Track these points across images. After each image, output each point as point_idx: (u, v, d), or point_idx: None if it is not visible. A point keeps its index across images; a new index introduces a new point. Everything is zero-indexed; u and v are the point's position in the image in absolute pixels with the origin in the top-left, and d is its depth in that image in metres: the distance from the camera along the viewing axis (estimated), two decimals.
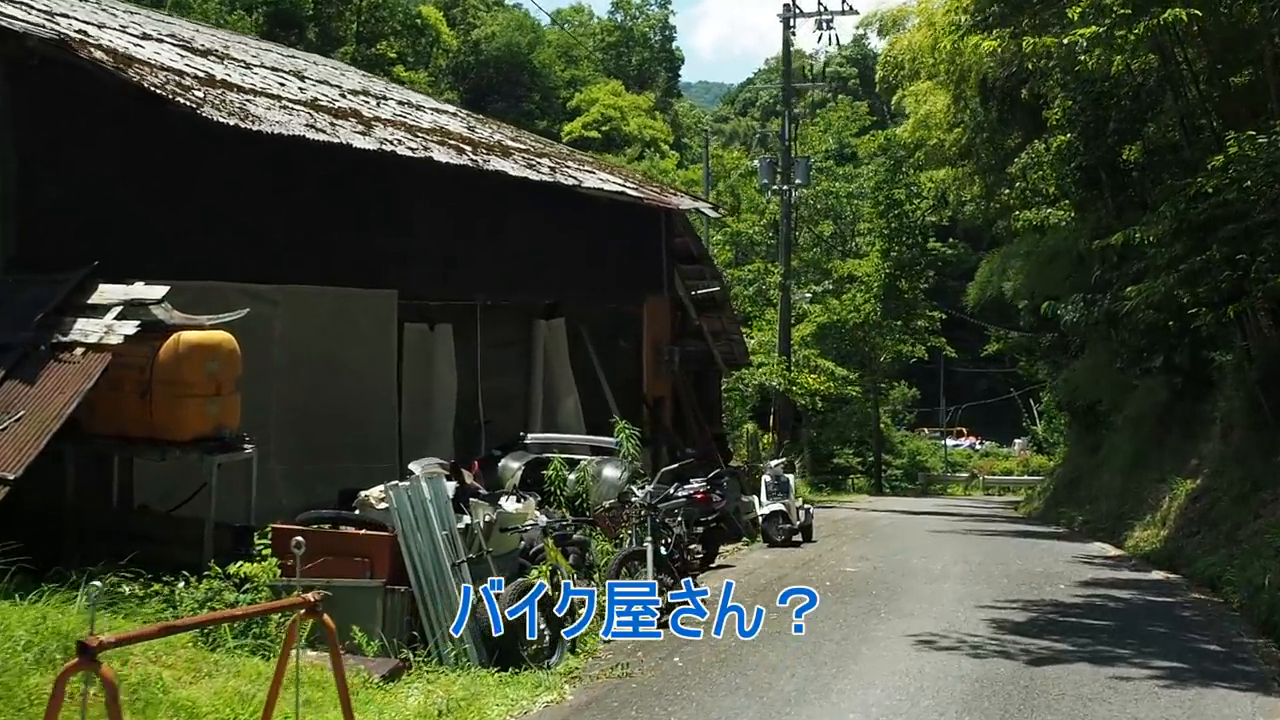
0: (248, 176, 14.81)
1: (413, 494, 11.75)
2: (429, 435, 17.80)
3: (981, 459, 72.59)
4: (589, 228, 22.26)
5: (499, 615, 11.05)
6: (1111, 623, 13.69)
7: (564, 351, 21.40)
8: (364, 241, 16.74)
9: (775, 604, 14.95)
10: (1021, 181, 27.19)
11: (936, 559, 19.96)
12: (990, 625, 13.26)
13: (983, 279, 37.17)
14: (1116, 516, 25.55)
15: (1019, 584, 16.80)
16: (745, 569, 18.79)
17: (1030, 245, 30.79)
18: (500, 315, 20.08)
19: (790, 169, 40.65)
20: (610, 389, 22.58)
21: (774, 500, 22.50)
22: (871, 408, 56.96)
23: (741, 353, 33.74)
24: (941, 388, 75.21)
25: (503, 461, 16.93)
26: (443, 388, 18.13)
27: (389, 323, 17.11)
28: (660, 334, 25.15)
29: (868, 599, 15.31)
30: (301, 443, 15.27)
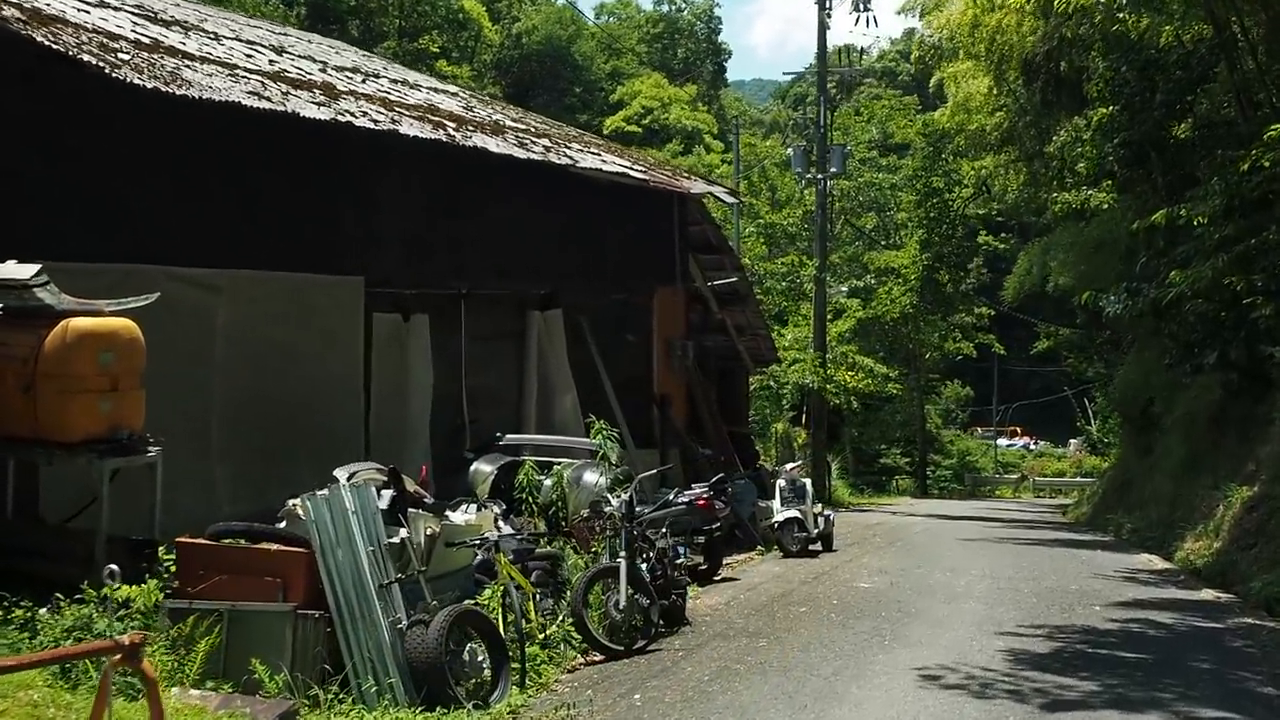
0: (185, 150, 13.39)
1: (333, 504, 10.22)
2: (402, 436, 16.32)
3: (1035, 459, 70.46)
4: (591, 213, 20.73)
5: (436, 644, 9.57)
6: (1149, 655, 11.93)
7: (561, 345, 19.82)
8: (326, 223, 15.30)
9: (773, 624, 13.42)
10: (1060, 160, 25.14)
11: (962, 574, 18.23)
12: (1007, 658, 11.55)
13: (1022, 271, 35.26)
14: (1166, 525, 23.68)
15: (1048, 605, 15.07)
16: (749, 583, 17.17)
17: (1073, 234, 28.80)
18: (489, 305, 18.55)
19: (825, 157, 38.87)
20: (613, 386, 21.00)
21: (789, 507, 20.83)
22: (916, 407, 55.24)
23: (769, 349, 32.11)
24: (995, 386, 73.23)
25: (475, 465, 15.39)
26: (418, 384, 16.59)
27: (354, 312, 15.62)
28: (672, 327, 23.53)
29: (874, 622, 13.64)
30: (250, 444, 13.81)
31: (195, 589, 10.03)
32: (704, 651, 12.12)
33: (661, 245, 23.20)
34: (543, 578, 12.59)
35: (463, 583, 11.68)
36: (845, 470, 51.67)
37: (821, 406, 39.24)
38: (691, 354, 23.88)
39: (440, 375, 17.26)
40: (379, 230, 16.17)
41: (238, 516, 11.86)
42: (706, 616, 14.30)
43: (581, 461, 15.54)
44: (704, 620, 14.02)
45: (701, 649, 12.28)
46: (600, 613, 12.44)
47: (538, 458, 15.69)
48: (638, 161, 23.63)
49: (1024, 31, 27.65)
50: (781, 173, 45.46)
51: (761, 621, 13.83)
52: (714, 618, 14.21)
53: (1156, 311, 21.13)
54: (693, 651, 12.16)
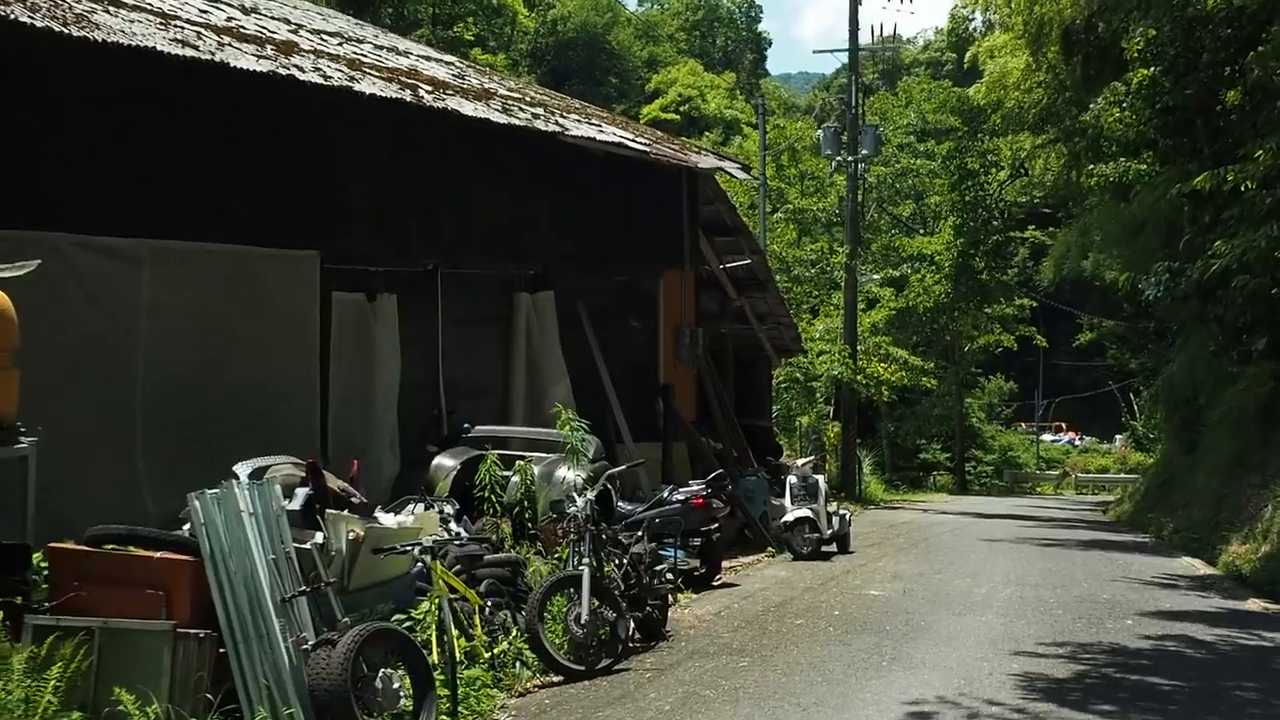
0: (103, 104, 11.99)
1: (226, 505, 8.77)
2: (366, 429, 14.93)
3: (1080, 455, 68.48)
4: (590, 189, 19.26)
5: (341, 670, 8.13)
6: (1186, 683, 10.31)
7: (553, 330, 18.33)
8: (275, 191, 13.90)
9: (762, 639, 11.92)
10: (1096, 128, 23.25)
11: (984, 580, 16.65)
12: (1019, 685, 9.98)
13: (1058, 254, 33.41)
14: (1210, 526, 21.96)
15: (1075, 618, 13.47)
16: (748, 590, 15.66)
17: (1113, 214, 26.91)
18: (470, 286, 17.10)
19: (857, 138, 37.23)
20: (615, 376, 19.53)
21: (800, 505, 19.29)
22: (954, 400, 53.52)
23: (793, 338, 30.57)
24: (1041, 380, 71.33)
25: (436, 460, 13.91)
26: (384, 371, 15.15)
27: (309, 291, 14.17)
28: (680, 312, 21.98)
29: (875, 638, 12.09)
30: (181, 438, 12.38)
31: (65, 603, 8.62)
32: (676, 673, 10.64)
33: (669, 225, 21.68)
34: (495, 586, 11.12)
35: (400, 594, 10.25)
36: (880, 466, 50.09)
37: (852, 400, 37.67)
38: (702, 341, 22.32)
39: (413, 361, 15.88)
40: (339, 201, 14.76)
41: (165, 518, 10.63)
42: (691, 629, 12.81)
43: (555, 456, 14.03)
44: (687, 634, 12.54)
45: (674, 669, 10.79)
46: (562, 627, 10.98)
47: (511, 452, 14.20)
48: (642, 134, 22.11)
49: (1062, 3, 26.03)
50: (813, 157, 43.76)
51: (750, 636, 12.33)
52: (699, 630, 12.72)
53: (1201, 293, 19.38)
54: (664, 672, 10.67)
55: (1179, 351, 29.95)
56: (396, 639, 8.88)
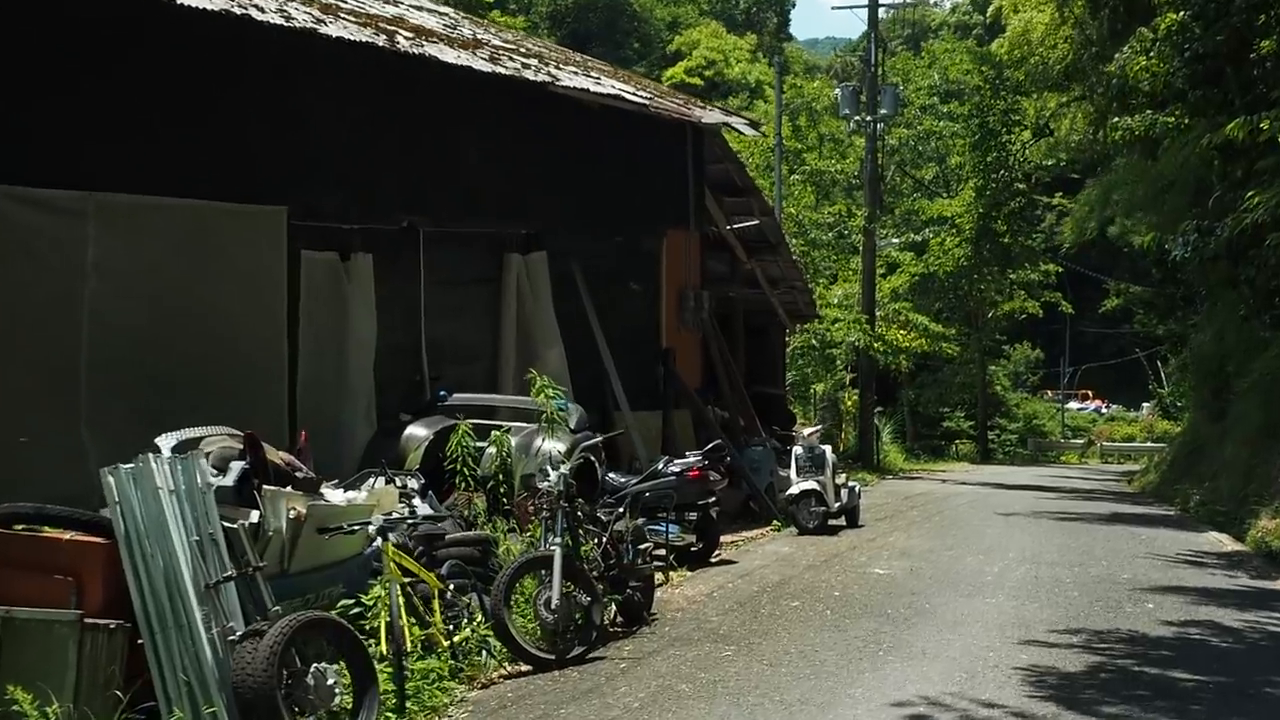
0: (40, 44, 11.09)
1: (142, 480, 7.92)
2: (339, 396, 14.06)
3: (1106, 423, 67.28)
4: (588, 145, 18.36)
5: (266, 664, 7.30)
6: (1211, 677, 9.37)
7: (546, 293, 17.42)
8: (236, 142, 12.96)
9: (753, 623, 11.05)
10: (1121, 77, 22.01)
11: (998, 557, 15.73)
12: (1026, 680, 9.07)
13: (1081, 215, 32.21)
14: (1238, 500, 20.95)
15: (1092, 601, 12.54)
16: (746, 568, 14.80)
17: (1139, 172, 25.71)
18: (456, 246, 16.18)
19: (876, 97, 36.13)
20: (614, 341, 18.63)
21: (805, 478, 18.38)
22: (978, 368, 52.44)
23: (807, 303, 29.63)
24: (1067, 348, 70.19)
25: (408, 430, 13.02)
26: (359, 336, 14.26)
27: (275, 249, 13.27)
28: (684, 275, 21.05)
29: (875, 623, 11.20)
30: (133, 406, 11.48)
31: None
32: (653, 662, 9.78)
33: (672, 183, 20.74)
34: (459, 568, 10.26)
35: (354, 576, 9.41)
36: (900, 434, 49.13)
37: (870, 367, 36.70)
38: (708, 305, 21.39)
39: (394, 325, 15.00)
40: (311, 153, 13.84)
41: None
42: (679, 611, 11.96)
43: (537, 426, 13.12)
44: (673, 617, 11.68)
45: (652, 658, 9.93)
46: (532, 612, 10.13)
47: (492, 422, 13.30)
48: (645, 88, 21.13)
49: None
50: (832, 118, 42.58)
51: (740, 620, 11.46)
52: (687, 613, 11.87)
53: (1231, 253, 18.32)
54: (640, 662, 9.82)
55: (1208, 317, 28.86)
56: (334, 629, 8.03)
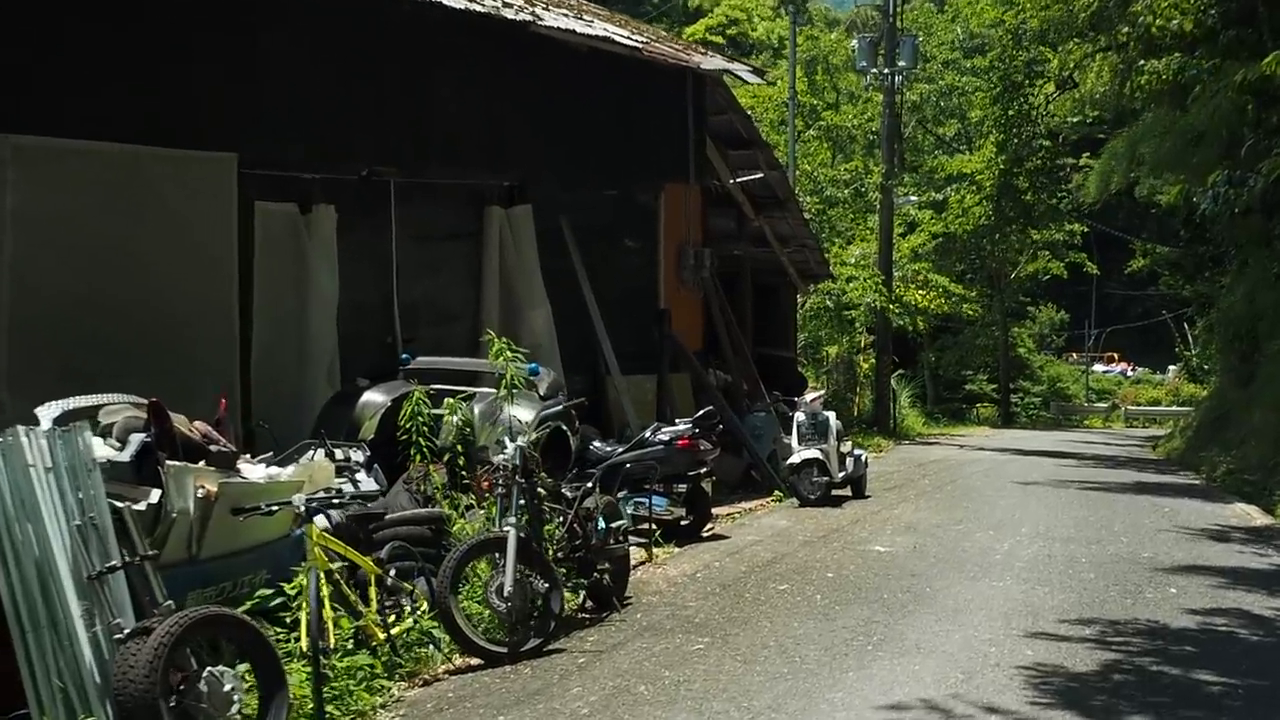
0: None
1: (10, 458, 6.93)
2: (299, 358, 13.08)
3: (1131, 386, 65.88)
4: (580, 92, 17.31)
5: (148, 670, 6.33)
6: (1241, 679, 8.27)
7: (531, 249, 16.36)
8: (181, 82, 11.95)
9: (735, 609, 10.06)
10: (1150, 13, 20.57)
11: (1009, 532, 14.66)
12: (1030, 681, 8.02)
13: (1104, 168, 30.80)
14: (1268, 469, 19.84)
15: (1108, 584, 11.46)
16: (738, 543, 13.78)
17: (1166, 123, 24.35)
18: (432, 197, 15.15)
19: (894, 49, 34.84)
20: (604, 300, 17.60)
21: (807, 446, 17.32)
22: (1000, 330, 51.26)
23: (819, 262, 28.47)
24: (1093, 310, 68.80)
25: (365, 396, 11.99)
26: (320, 294, 13.25)
27: (224, 199, 12.25)
28: (684, 231, 19.95)
29: (868, 609, 10.17)
30: (60, 368, 10.51)
31: None
32: (615, 657, 8.77)
33: (671, 134, 19.64)
34: (402, 550, 9.24)
35: (281, 561, 8.41)
36: (920, 398, 48.00)
37: (886, 329, 35.56)
38: (709, 263, 20.29)
39: (362, 283, 14.01)
40: (266, 96, 12.81)
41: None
42: (656, 595, 10.95)
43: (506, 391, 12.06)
44: (649, 601, 10.68)
45: (615, 652, 8.93)
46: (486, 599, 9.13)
47: (460, 388, 12.23)
48: (640, 32, 19.98)
49: None
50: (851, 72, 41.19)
51: (720, 606, 10.44)
52: (664, 597, 10.86)
53: (1265, 207, 17.14)
54: (602, 656, 8.81)
55: (1237, 276, 27.60)
56: (234, 626, 7.04)
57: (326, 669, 7.58)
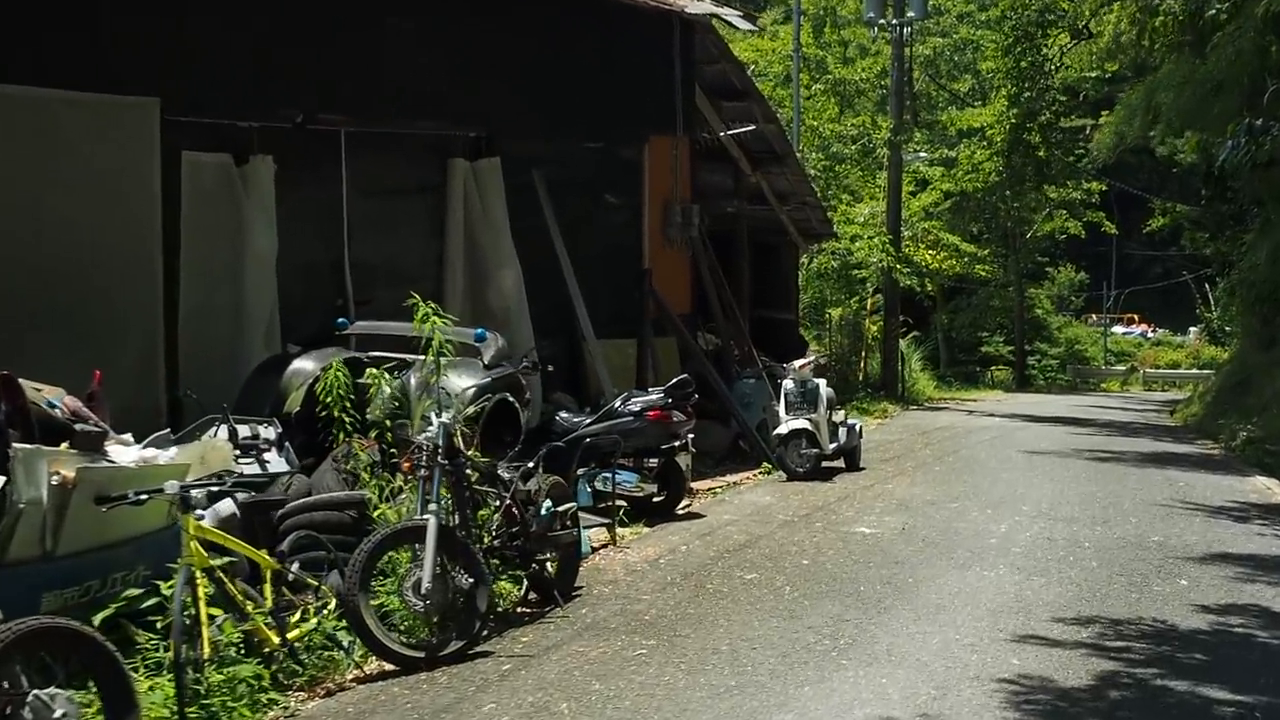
0: None
1: None
2: (235, 322, 12.06)
3: (1151, 348, 64.51)
4: (554, 37, 16.19)
5: None
6: (1259, 696, 7.06)
7: (499, 205, 15.28)
8: (93, 18, 10.87)
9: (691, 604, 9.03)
10: None
11: (1009, 511, 13.57)
12: (1010, 699, 6.92)
13: (1118, 120, 29.47)
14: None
15: (1112, 574, 10.35)
16: (713, 523, 12.73)
17: (1185, 72, 23.01)
18: (388, 149, 14.10)
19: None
20: (584, 259, 16.53)
21: (796, 415, 16.24)
22: (1015, 291, 50.06)
23: (820, 220, 27.30)
24: (1113, 270, 67.51)
25: (294, 364, 10.91)
26: (256, 251, 12.19)
27: (145, 149, 11.24)
28: (671, 187, 18.82)
29: (840, 605, 9.09)
30: None
31: None
32: (545, 663, 7.73)
33: (657, 83, 18.44)
34: (308, 540, 8.20)
35: (158, 556, 7.35)
36: (933, 361, 46.89)
37: (895, 290, 34.38)
38: (698, 221, 19.15)
39: (308, 241, 13.01)
40: (193, 35, 11.75)
41: None
42: (610, 585, 9.91)
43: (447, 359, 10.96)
44: (600, 593, 9.64)
45: (546, 657, 7.89)
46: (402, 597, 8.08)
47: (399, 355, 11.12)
48: None
49: None
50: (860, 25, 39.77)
51: (677, 599, 9.39)
52: (618, 588, 9.82)
53: None
54: (530, 662, 7.77)
55: (1259, 235, 26.36)
56: (69, 639, 5.98)
57: (199, 682, 6.55)
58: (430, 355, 9.27)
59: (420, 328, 9.25)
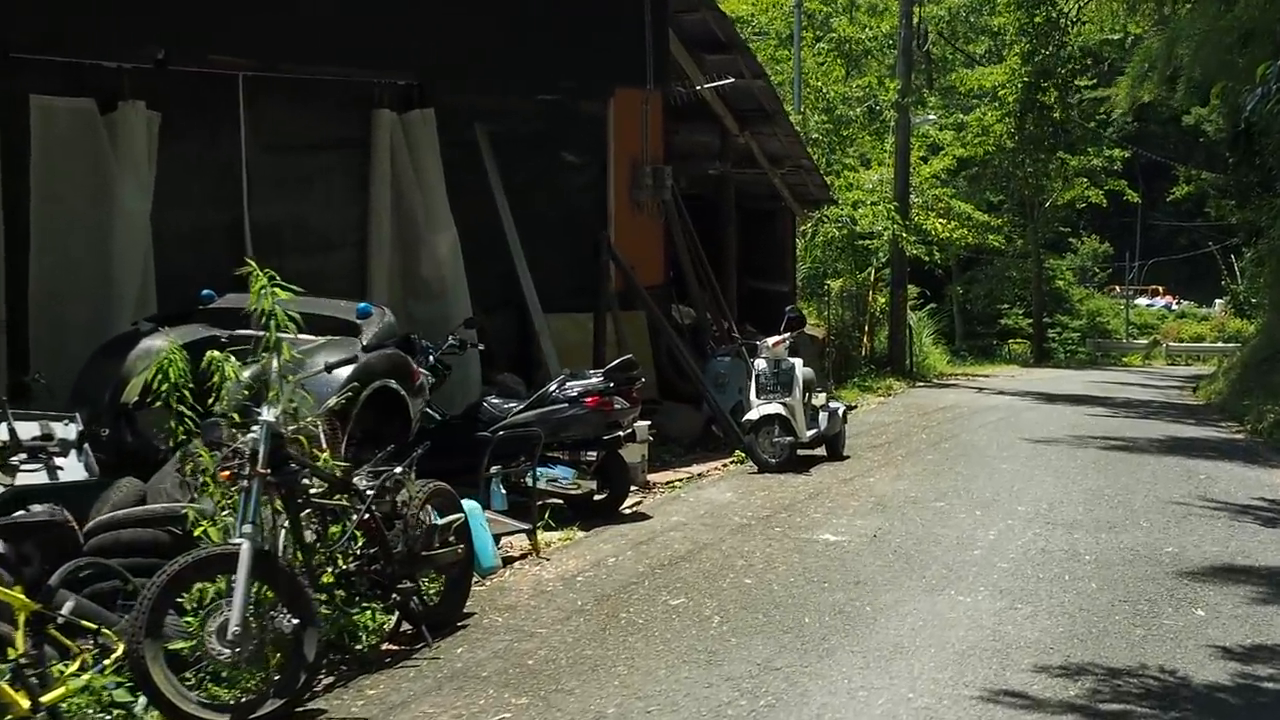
0: None
1: None
2: (96, 294, 10.41)
3: (1175, 320, 62.49)
4: None
5: None
6: None
7: (433, 164, 13.62)
8: None
9: (593, 642, 7.35)
10: None
11: (1000, 512, 11.81)
12: None
13: (1136, 72, 27.54)
14: None
15: (1115, 599, 8.55)
16: (655, 527, 11.04)
17: (1209, 20, 21.07)
18: (299, 97, 12.49)
19: None
20: (531, 224, 14.91)
21: (767, 399, 14.53)
22: (1034, 261, 48.23)
23: (818, 185, 25.57)
24: (1138, 240, 65.58)
25: (143, 344, 9.20)
26: (125, 211, 10.54)
27: None
28: (640, 145, 17.11)
29: (771, 648, 7.35)
30: None
31: None
32: None
33: (624, 29, 16.73)
34: (93, 570, 6.53)
35: None
36: (948, 334, 45.11)
37: (903, 260, 32.58)
38: (670, 183, 17.43)
39: (197, 200, 11.40)
40: None
41: None
42: (505, 612, 8.21)
43: (322, 340, 9.24)
44: (489, 624, 7.95)
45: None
46: None
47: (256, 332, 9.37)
48: None
49: None
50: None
51: (578, 634, 7.67)
52: (513, 616, 8.12)
53: None
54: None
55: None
56: None
57: None
58: (270, 334, 7.50)
59: (260, 303, 7.49)
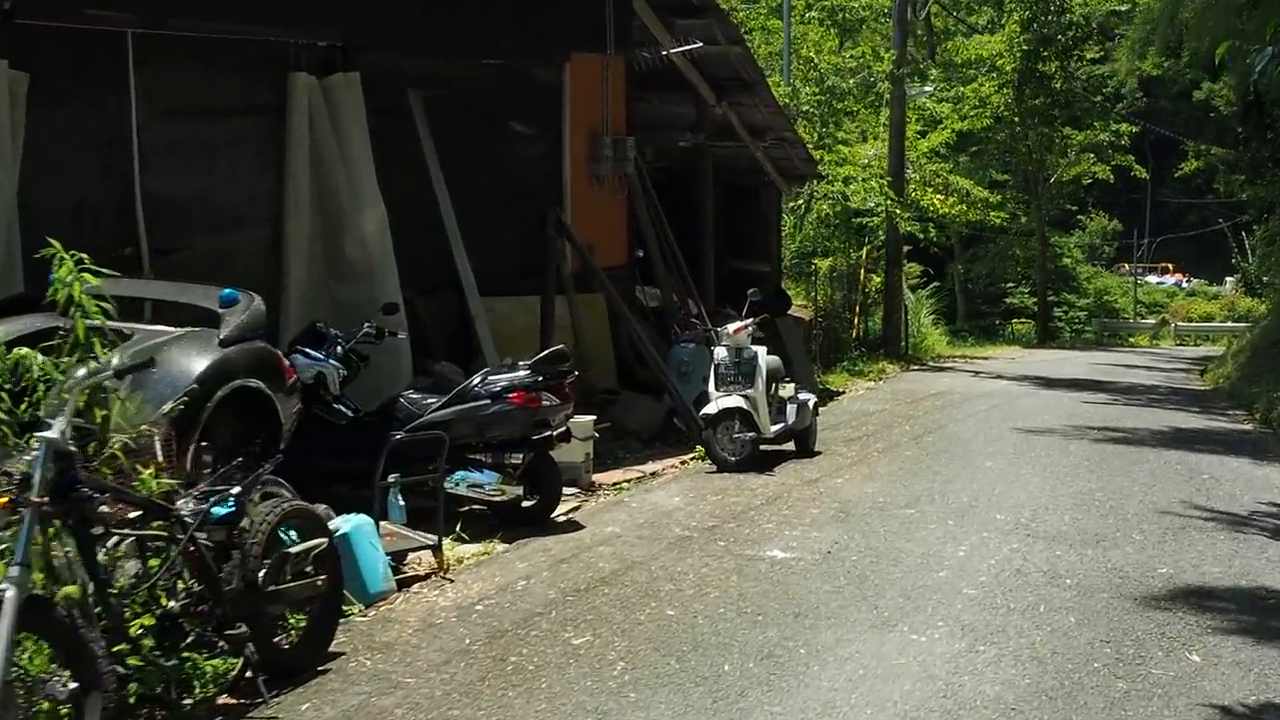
0: None
1: None
2: None
3: (1184, 299, 61.27)
4: None
5: None
6: None
7: (359, 134, 12.38)
8: None
9: (469, 693, 6.10)
10: None
11: (976, 523, 10.54)
12: None
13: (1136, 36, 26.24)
14: None
15: (1094, 639, 7.25)
16: (585, 540, 9.81)
17: None
18: (201, 59, 11.25)
19: None
20: (475, 199, 13.71)
21: (727, 391, 13.32)
22: (1038, 239, 47.01)
23: (804, 160, 24.25)
24: (1147, 217, 64.39)
25: None
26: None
27: None
28: (601, 115, 15.86)
29: (680, 703, 6.12)
30: None
31: None
32: None
33: None
34: None
35: None
36: (949, 314, 43.90)
37: (897, 238, 31.35)
38: (634, 156, 16.19)
39: (78, 171, 10.17)
40: None
41: None
42: (377, 654, 6.99)
43: (179, 331, 8.00)
44: (351, 669, 6.73)
45: None
46: None
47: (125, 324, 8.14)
48: None
49: None
50: None
51: (452, 685, 6.44)
52: (384, 660, 6.89)
53: None
54: None
55: None
56: None
57: None
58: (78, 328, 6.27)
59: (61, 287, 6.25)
